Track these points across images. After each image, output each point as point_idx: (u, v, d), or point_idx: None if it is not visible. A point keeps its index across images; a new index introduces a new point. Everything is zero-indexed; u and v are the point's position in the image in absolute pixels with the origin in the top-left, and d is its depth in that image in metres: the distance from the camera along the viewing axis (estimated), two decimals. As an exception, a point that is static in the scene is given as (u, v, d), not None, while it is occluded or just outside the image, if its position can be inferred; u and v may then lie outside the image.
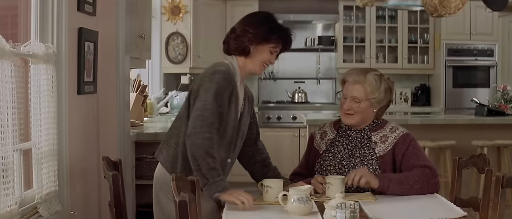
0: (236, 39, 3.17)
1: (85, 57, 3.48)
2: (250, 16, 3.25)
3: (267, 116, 8.68)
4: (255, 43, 3.13)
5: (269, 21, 3.18)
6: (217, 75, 3.05)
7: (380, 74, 3.46)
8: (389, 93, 3.46)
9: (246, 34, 3.13)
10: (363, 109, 3.42)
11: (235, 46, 3.18)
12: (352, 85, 3.43)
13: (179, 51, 8.08)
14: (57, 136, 3.23)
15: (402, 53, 8.86)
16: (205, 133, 2.94)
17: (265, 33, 3.14)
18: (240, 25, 3.20)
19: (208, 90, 3.00)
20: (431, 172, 3.29)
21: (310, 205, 2.85)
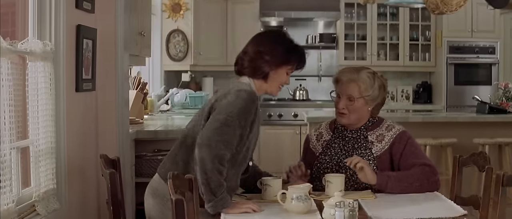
0: (252, 62, 3.01)
1: (84, 55, 3.46)
2: (263, 36, 3.15)
3: (268, 113, 8.67)
4: (274, 67, 3.02)
5: (284, 42, 3.06)
6: (243, 93, 2.90)
7: (373, 71, 3.45)
8: (383, 90, 3.44)
9: (263, 57, 3.00)
10: (358, 108, 3.40)
11: (251, 69, 3.02)
12: (346, 84, 3.41)
13: (179, 49, 8.06)
14: (55, 134, 3.21)
15: (404, 51, 8.84)
16: (220, 150, 2.79)
17: (283, 56, 3.02)
18: (253, 46, 3.04)
19: (234, 105, 2.86)
20: (430, 170, 3.27)
21: (309, 203, 2.83)
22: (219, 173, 2.78)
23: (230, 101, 2.87)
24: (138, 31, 4.73)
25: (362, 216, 2.77)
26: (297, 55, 3.08)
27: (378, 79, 3.42)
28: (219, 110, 2.87)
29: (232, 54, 8.82)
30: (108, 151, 3.72)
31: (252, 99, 2.91)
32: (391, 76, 9.11)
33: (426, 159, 3.34)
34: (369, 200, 3.08)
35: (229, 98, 2.88)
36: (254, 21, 8.87)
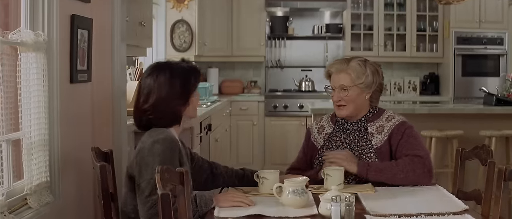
0: (160, 116, 2.86)
1: (79, 45, 3.40)
2: (149, 78, 2.90)
3: (274, 105, 8.61)
4: (185, 102, 2.92)
5: (177, 71, 2.91)
6: (157, 146, 2.76)
7: (364, 59, 3.40)
8: (377, 76, 3.37)
9: (169, 104, 2.87)
10: (353, 97, 3.34)
11: (163, 122, 2.88)
12: (337, 75, 3.36)
13: (184, 39, 7.99)
14: (48, 126, 3.15)
15: (411, 41, 8.75)
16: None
17: (185, 89, 2.90)
18: (147, 98, 2.87)
19: (151, 165, 2.70)
20: (420, 161, 3.19)
21: (306, 197, 2.77)
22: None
23: (147, 163, 2.73)
24: (138, 21, 4.66)
25: (360, 210, 2.71)
26: (194, 74, 2.98)
27: (370, 65, 3.36)
28: (138, 175, 2.74)
29: (238, 45, 8.86)
30: (104, 143, 3.68)
31: (169, 147, 2.78)
32: (398, 67, 9.04)
33: (420, 150, 3.25)
34: (369, 194, 3.02)
35: (145, 158, 2.75)
36: (260, 11, 8.80)
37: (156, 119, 2.87)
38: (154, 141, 2.77)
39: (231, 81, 9.15)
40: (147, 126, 2.92)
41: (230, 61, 9.12)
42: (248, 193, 3.05)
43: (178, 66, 2.95)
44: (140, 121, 2.93)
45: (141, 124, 2.94)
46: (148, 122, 2.90)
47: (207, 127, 5.90)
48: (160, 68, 2.93)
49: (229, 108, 8.36)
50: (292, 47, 9.26)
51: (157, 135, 2.80)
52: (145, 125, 2.92)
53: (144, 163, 2.74)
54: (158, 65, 2.98)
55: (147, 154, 2.75)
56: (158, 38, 7.86)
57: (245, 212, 2.65)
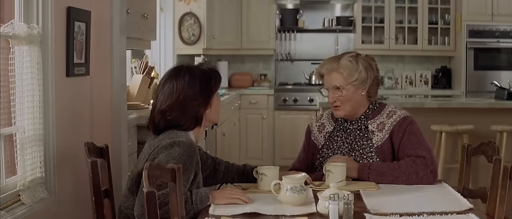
0: (180, 116, 2.79)
1: (76, 38, 3.33)
2: (169, 81, 2.84)
3: (283, 98, 8.54)
4: (205, 106, 2.85)
5: (196, 74, 2.85)
6: (177, 148, 2.69)
7: (355, 54, 3.28)
8: (371, 70, 3.25)
9: (188, 105, 2.80)
10: (349, 96, 3.23)
11: (184, 123, 2.82)
12: (329, 75, 3.26)
13: (192, 32, 7.92)
14: (43, 121, 3.08)
15: (422, 34, 8.63)
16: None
17: (206, 90, 2.85)
18: (166, 99, 2.81)
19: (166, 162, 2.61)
20: (423, 162, 3.09)
21: (305, 194, 2.69)
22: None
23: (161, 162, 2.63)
24: (140, 13, 4.59)
25: (361, 208, 2.63)
26: (215, 76, 2.91)
27: (361, 60, 3.24)
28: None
29: (247, 38, 8.78)
30: (103, 138, 3.62)
31: (189, 152, 2.71)
32: (409, 61, 8.94)
33: (422, 149, 3.15)
34: (371, 192, 2.94)
35: (161, 157, 2.67)
36: (270, 4, 8.73)
37: (175, 119, 2.80)
38: (173, 143, 2.70)
39: (241, 74, 9.07)
40: (165, 129, 2.82)
41: (240, 54, 9.05)
42: (247, 189, 2.98)
43: (198, 68, 2.90)
44: (157, 124, 2.83)
45: (158, 127, 2.83)
46: (166, 124, 2.81)
47: (213, 121, 5.82)
48: (179, 70, 2.88)
49: (238, 101, 8.29)
50: (302, 40, 9.17)
51: (176, 137, 2.73)
52: (162, 129, 2.82)
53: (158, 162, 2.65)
54: (178, 67, 2.92)
55: (164, 154, 2.67)
56: (166, 31, 7.80)
57: (241, 210, 2.58)
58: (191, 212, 2.64)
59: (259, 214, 2.54)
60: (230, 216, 2.51)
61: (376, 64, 3.32)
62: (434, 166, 3.12)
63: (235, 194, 2.74)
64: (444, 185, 3.10)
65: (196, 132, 2.90)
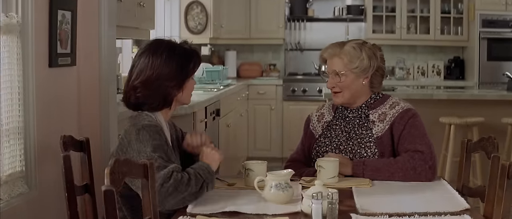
0: (149, 94, 2.66)
1: (60, 27, 3.21)
2: (145, 55, 2.69)
3: (292, 89, 8.41)
4: (178, 88, 2.71)
5: (174, 52, 2.69)
6: (144, 132, 2.56)
7: (361, 42, 3.15)
8: (375, 60, 3.11)
9: (161, 84, 2.66)
10: (348, 84, 3.11)
11: (151, 103, 2.68)
12: (330, 60, 3.15)
13: (199, 21, 7.80)
14: (23, 113, 2.96)
15: (435, 24, 8.43)
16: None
17: (182, 72, 2.69)
18: (139, 75, 2.66)
19: (144, 151, 2.54)
20: (421, 157, 2.95)
21: (290, 192, 2.56)
22: (184, 184, 2.48)
23: (138, 151, 2.53)
24: (136, 1, 4.46)
25: (349, 207, 2.50)
26: (195, 59, 2.75)
27: (366, 48, 3.11)
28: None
29: (256, 27, 8.63)
30: (91, 131, 3.51)
31: (157, 131, 2.58)
32: (421, 51, 8.77)
33: (422, 144, 3.01)
34: (364, 189, 2.80)
35: (135, 147, 2.56)
36: (279, -9, 8.60)
37: (144, 97, 2.66)
38: (138, 130, 2.57)
39: (250, 64, 8.94)
40: (135, 106, 2.70)
41: (249, 44, 8.91)
42: (233, 185, 2.85)
43: (179, 46, 2.74)
44: (128, 98, 2.71)
45: (129, 102, 2.72)
46: (136, 100, 2.68)
47: (214, 112, 5.69)
48: (158, 45, 2.71)
49: (246, 92, 8.16)
50: (312, 29, 9.02)
51: (140, 122, 2.61)
52: (133, 104, 2.70)
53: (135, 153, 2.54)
54: (157, 42, 2.75)
55: (135, 144, 2.55)
56: (172, 20, 7.69)
57: (221, 208, 2.45)
58: (205, 185, 2.54)
59: (239, 213, 2.41)
60: (208, 214, 2.38)
61: (382, 54, 3.19)
62: (433, 162, 2.97)
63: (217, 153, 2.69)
64: (443, 182, 2.95)
65: (165, 113, 2.76)
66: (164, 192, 2.43)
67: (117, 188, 1.99)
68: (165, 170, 2.47)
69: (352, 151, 3.08)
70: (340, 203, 2.57)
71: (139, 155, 2.51)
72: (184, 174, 2.51)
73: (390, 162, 2.97)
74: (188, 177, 2.50)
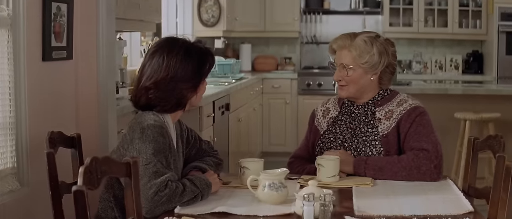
0: (163, 96, 2.55)
1: (55, 20, 3.12)
2: (159, 54, 2.57)
3: (307, 82, 8.30)
4: (193, 91, 2.61)
5: (191, 53, 2.58)
6: (149, 132, 2.45)
7: (374, 35, 3.01)
8: (386, 56, 2.98)
9: (175, 86, 2.54)
10: (355, 78, 2.98)
11: (164, 105, 2.57)
12: (339, 52, 3.02)
13: (212, 13, 7.70)
14: (15, 108, 2.89)
15: (453, 17, 8.26)
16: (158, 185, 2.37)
17: (198, 74, 2.59)
18: (152, 75, 2.55)
19: (144, 152, 2.45)
20: (426, 156, 2.83)
21: (284, 192, 2.45)
22: (179, 195, 2.39)
23: (139, 150, 2.44)
24: (141, -7, 4.38)
25: (346, 209, 2.40)
26: (210, 60, 2.65)
27: (378, 43, 2.97)
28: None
29: (271, 19, 8.52)
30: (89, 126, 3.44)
31: (161, 132, 2.48)
32: (439, 44, 8.61)
33: (428, 143, 2.88)
34: (364, 188, 2.69)
35: (137, 146, 2.46)
36: (294, -16, 8.49)
37: (157, 99, 2.54)
38: (143, 128, 2.46)
39: (265, 57, 8.84)
40: (145, 107, 2.58)
41: (264, 37, 8.81)
42: (228, 183, 2.75)
43: (194, 46, 2.62)
44: (138, 99, 2.59)
45: (139, 103, 2.60)
46: (148, 102, 2.56)
47: (223, 107, 5.59)
48: (174, 43, 2.60)
49: (260, 86, 8.07)
50: (328, 22, 8.89)
51: (145, 121, 2.50)
52: (143, 105, 2.58)
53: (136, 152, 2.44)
54: (172, 41, 2.63)
55: (138, 143, 2.45)
56: (185, 13, 7.60)
57: (211, 209, 2.35)
58: (199, 196, 2.45)
59: (228, 214, 2.32)
60: (196, 215, 2.29)
61: (394, 51, 3.05)
62: (438, 161, 2.85)
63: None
64: (449, 182, 2.83)
65: (175, 114, 2.65)
66: (157, 200, 2.35)
67: (94, 187, 1.91)
68: (162, 178, 2.38)
69: (357, 149, 2.97)
70: (338, 203, 2.48)
71: (139, 156, 2.42)
72: (179, 184, 2.42)
73: (394, 161, 2.86)
74: (183, 189, 2.41)
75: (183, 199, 2.39)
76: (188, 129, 2.87)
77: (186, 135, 2.84)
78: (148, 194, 2.32)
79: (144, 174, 2.36)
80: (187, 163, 2.78)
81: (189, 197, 2.41)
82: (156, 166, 2.39)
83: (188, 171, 2.72)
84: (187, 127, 2.88)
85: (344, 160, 2.87)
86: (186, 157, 2.83)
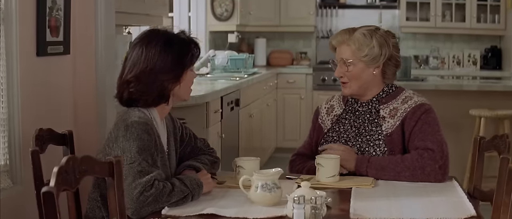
0: (144, 89, 2.48)
1: (50, 14, 3.06)
2: (138, 46, 2.51)
3: (322, 77, 8.19)
4: (175, 82, 2.53)
5: (171, 42, 2.51)
6: (133, 129, 2.38)
7: (374, 28, 2.92)
8: (387, 48, 2.88)
9: (156, 78, 2.47)
10: (357, 73, 2.89)
11: (146, 99, 2.50)
12: (339, 47, 2.93)
13: (225, 7, 7.62)
14: (7, 104, 2.82)
15: (471, 12, 8.09)
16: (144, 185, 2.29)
17: (179, 64, 2.51)
18: (132, 68, 2.49)
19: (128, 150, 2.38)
20: (431, 156, 2.72)
21: (278, 193, 2.36)
22: (166, 195, 2.31)
23: (123, 149, 2.37)
24: (146, -14, 4.29)
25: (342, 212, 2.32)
26: (193, 49, 2.56)
27: (377, 36, 2.88)
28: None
29: (286, 14, 8.41)
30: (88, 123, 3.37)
31: (147, 130, 2.40)
32: (457, 39, 8.46)
33: (433, 142, 2.77)
34: (365, 190, 2.60)
35: (121, 144, 2.39)
36: (309, -23, 8.38)
37: (138, 93, 2.48)
38: (127, 126, 2.39)
39: (280, 52, 8.75)
40: (129, 102, 2.52)
41: (279, 31, 8.71)
42: (222, 183, 2.68)
43: (175, 36, 2.55)
44: (121, 94, 2.53)
45: (122, 98, 2.54)
46: (130, 96, 2.50)
47: (233, 102, 5.50)
48: (153, 35, 2.53)
49: (274, 81, 7.97)
50: (344, 17, 8.76)
51: (129, 118, 2.43)
52: (126, 100, 2.52)
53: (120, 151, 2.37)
54: (151, 32, 2.57)
55: (122, 142, 2.38)
56: (198, 7, 7.53)
57: (199, 211, 2.28)
58: (189, 197, 2.38)
59: (217, 216, 2.24)
60: (184, 216, 2.21)
61: (395, 42, 2.95)
62: (444, 161, 2.74)
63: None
64: (454, 184, 2.72)
65: (161, 109, 2.57)
66: (142, 201, 2.27)
67: (71, 188, 1.84)
68: (147, 177, 2.30)
69: (361, 148, 2.88)
70: (335, 205, 2.39)
71: (124, 155, 2.35)
72: (167, 183, 2.34)
73: (397, 161, 2.76)
74: (171, 188, 2.33)
75: (171, 199, 2.32)
76: (182, 127, 2.80)
77: (180, 132, 2.76)
78: (133, 194, 2.25)
79: (129, 173, 2.29)
80: (182, 162, 2.71)
81: (178, 197, 2.34)
82: (140, 165, 2.31)
83: (181, 170, 2.65)
84: (182, 124, 2.81)
85: (346, 157, 2.79)
86: (180, 155, 2.76)
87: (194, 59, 2.58)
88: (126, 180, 2.26)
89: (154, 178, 2.30)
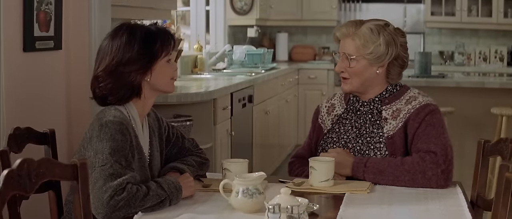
0: (112, 84, 2.36)
1: (39, 8, 2.96)
2: (105, 41, 2.42)
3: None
4: (143, 73, 2.39)
5: (133, 35, 2.38)
6: (106, 129, 2.28)
7: (383, 23, 2.72)
8: (394, 47, 2.69)
9: (123, 71, 2.35)
10: (359, 70, 2.72)
11: (116, 94, 2.38)
12: (343, 40, 2.74)
13: (244, 1, 7.49)
14: (-9, 102, 2.74)
15: (498, 6, 7.87)
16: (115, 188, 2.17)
17: (146, 55, 2.38)
18: (99, 63, 2.39)
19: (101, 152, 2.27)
20: (433, 159, 2.54)
21: (260, 199, 2.22)
22: (142, 199, 2.19)
23: (96, 150, 2.26)
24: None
25: (331, 218, 2.18)
26: (162, 38, 2.41)
27: (385, 32, 2.69)
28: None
29: (308, 7, 8.25)
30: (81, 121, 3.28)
31: (121, 130, 2.28)
32: (483, 35, 8.23)
33: (436, 144, 2.59)
34: (359, 195, 2.45)
35: (94, 145, 2.28)
36: (332, -30, 8.23)
37: (107, 88, 2.37)
38: (101, 125, 2.28)
39: (303, 47, 8.60)
40: (102, 99, 2.42)
41: (301, 26, 8.56)
42: (208, 186, 2.54)
43: (142, 27, 2.43)
44: (94, 92, 2.44)
45: (96, 96, 2.44)
46: (101, 92, 2.39)
47: (245, 98, 5.37)
48: (118, 29, 2.43)
49: (295, 76, 7.83)
50: (368, 11, 8.57)
51: (104, 117, 2.32)
52: (99, 97, 2.42)
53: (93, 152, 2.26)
54: (118, 26, 2.46)
55: (95, 142, 2.27)
56: (217, 0, 7.42)
57: (173, 217, 2.16)
58: (167, 201, 2.25)
59: (193, 224, 2.12)
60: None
61: (404, 41, 2.76)
62: (447, 165, 2.56)
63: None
64: (457, 190, 2.53)
65: (141, 106, 2.44)
66: (113, 205, 2.14)
67: (26, 193, 1.73)
68: (119, 180, 2.18)
69: (361, 151, 2.71)
70: (323, 213, 2.26)
71: (96, 156, 2.24)
72: (142, 187, 2.22)
73: (396, 164, 2.59)
74: (145, 191, 2.20)
75: (146, 204, 2.19)
76: (169, 126, 2.67)
77: (167, 132, 2.64)
78: (104, 198, 2.13)
79: (100, 176, 2.17)
80: (169, 163, 2.59)
81: (154, 201, 2.21)
82: (112, 167, 2.19)
83: (165, 172, 2.53)
84: (169, 123, 2.69)
85: (342, 161, 2.64)
86: (167, 156, 2.64)
87: (164, 49, 2.42)
88: (97, 183, 2.15)
89: (126, 181, 2.18)
